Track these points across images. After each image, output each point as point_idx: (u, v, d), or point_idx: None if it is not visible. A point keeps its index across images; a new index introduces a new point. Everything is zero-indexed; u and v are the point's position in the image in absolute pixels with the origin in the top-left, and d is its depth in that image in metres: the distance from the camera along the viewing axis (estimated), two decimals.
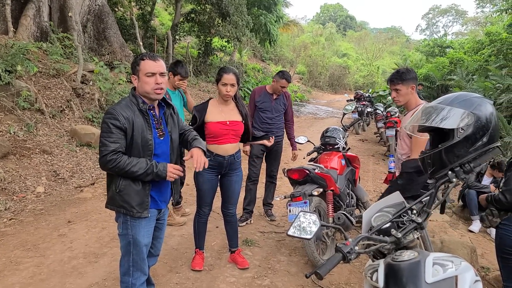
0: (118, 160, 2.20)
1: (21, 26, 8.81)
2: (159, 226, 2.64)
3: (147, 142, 2.31)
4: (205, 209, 3.51)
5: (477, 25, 41.29)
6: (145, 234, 2.42)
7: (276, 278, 3.55)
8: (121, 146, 2.23)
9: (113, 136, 2.21)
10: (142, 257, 2.44)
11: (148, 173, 2.26)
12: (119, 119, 2.21)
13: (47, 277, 3.32)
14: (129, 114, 2.26)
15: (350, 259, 1.58)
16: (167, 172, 2.31)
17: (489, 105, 1.73)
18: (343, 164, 4.41)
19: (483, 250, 4.52)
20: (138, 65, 2.31)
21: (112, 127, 2.21)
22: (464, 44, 20.31)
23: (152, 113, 2.39)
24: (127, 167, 2.21)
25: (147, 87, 2.30)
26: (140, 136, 2.28)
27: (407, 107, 3.17)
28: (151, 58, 2.31)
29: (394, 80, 3.10)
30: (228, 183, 3.50)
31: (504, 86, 10.80)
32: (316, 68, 31.47)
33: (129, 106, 2.31)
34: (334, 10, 65.28)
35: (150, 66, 2.29)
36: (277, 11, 19.39)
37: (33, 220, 4.50)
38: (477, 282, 1.58)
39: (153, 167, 2.27)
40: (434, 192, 1.78)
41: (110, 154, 2.20)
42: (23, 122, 6.50)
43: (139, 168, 2.23)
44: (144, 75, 2.29)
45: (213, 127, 3.28)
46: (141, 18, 14.72)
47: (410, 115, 3.07)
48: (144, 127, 2.30)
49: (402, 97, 3.10)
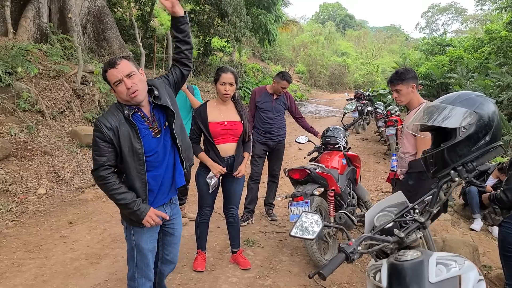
0: (106, 180, 2.17)
1: (21, 28, 8.81)
2: (169, 231, 2.57)
3: (137, 151, 2.20)
4: (207, 210, 3.50)
5: (477, 23, 41.26)
6: (148, 240, 2.37)
7: (278, 278, 3.55)
8: (109, 159, 2.17)
9: (99, 150, 2.16)
10: (146, 263, 2.39)
11: (129, 208, 2.20)
12: (103, 131, 2.14)
13: (49, 278, 3.33)
14: (113, 123, 2.16)
15: (353, 259, 1.58)
16: (145, 216, 2.24)
17: (492, 104, 1.73)
18: (344, 163, 4.41)
19: (485, 249, 4.52)
20: (106, 78, 2.20)
21: (98, 140, 2.16)
22: (464, 42, 20.29)
23: (140, 115, 2.26)
24: (112, 192, 2.18)
25: (122, 96, 2.19)
26: (127, 145, 2.18)
27: (410, 106, 3.19)
28: (111, 66, 2.16)
29: (393, 81, 3.13)
30: (229, 184, 3.49)
31: (504, 84, 10.81)
32: (315, 68, 31.45)
33: (115, 114, 2.20)
34: (333, 9, 65.24)
35: (113, 75, 2.15)
36: (276, 10, 19.37)
37: (35, 221, 4.50)
38: (481, 281, 1.58)
39: (135, 204, 2.20)
40: (436, 192, 1.78)
41: (99, 169, 2.16)
42: (24, 124, 6.51)
43: (122, 199, 2.18)
44: (114, 86, 2.18)
45: (211, 127, 3.26)
46: (140, 19, 14.71)
47: (412, 114, 3.07)
48: (131, 135, 2.19)
49: (404, 97, 3.13)
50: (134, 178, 2.23)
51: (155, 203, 2.36)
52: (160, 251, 2.60)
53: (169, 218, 2.47)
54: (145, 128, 2.27)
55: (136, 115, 2.25)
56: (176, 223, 2.59)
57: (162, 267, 2.63)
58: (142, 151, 2.22)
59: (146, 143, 2.24)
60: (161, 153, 2.33)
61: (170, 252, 2.61)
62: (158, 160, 2.32)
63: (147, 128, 2.28)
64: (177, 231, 2.61)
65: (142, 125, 2.26)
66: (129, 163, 2.20)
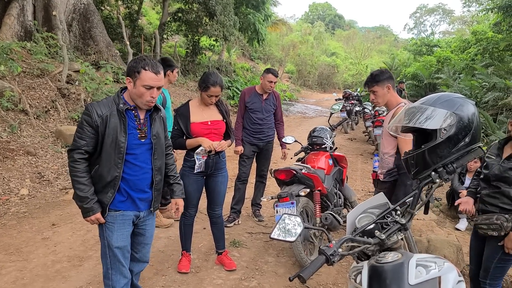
0: (75, 164, 2.24)
1: (5, 26, 8.66)
2: (140, 232, 2.56)
3: (119, 144, 2.25)
4: (191, 211, 3.47)
5: (464, 24, 41.74)
6: (118, 238, 2.37)
7: (263, 279, 3.53)
8: (87, 145, 2.22)
9: (82, 133, 2.22)
10: (118, 259, 2.40)
11: (81, 200, 2.25)
12: (92, 116, 2.20)
13: (30, 281, 3.26)
14: (104, 112, 2.22)
15: (334, 261, 1.57)
16: (87, 217, 2.28)
17: (471, 106, 1.73)
18: (330, 164, 4.41)
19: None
20: (138, 72, 2.20)
21: (84, 123, 2.22)
22: (451, 43, 20.51)
23: (133, 114, 2.32)
24: (76, 177, 2.24)
25: (141, 98, 2.25)
26: (111, 136, 2.23)
27: (388, 107, 3.20)
28: (153, 70, 2.20)
29: (368, 83, 3.17)
30: (213, 184, 3.47)
31: (490, 84, 10.94)
32: (305, 67, 31.51)
33: (109, 105, 2.26)
34: (322, 9, 65.47)
35: (151, 79, 2.20)
36: (265, 10, 19.36)
37: (16, 223, 4.41)
38: (460, 282, 1.58)
39: (88, 201, 2.24)
40: (417, 193, 1.78)
41: (75, 151, 2.23)
42: (6, 123, 6.39)
43: (80, 189, 2.23)
44: (142, 86, 2.21)
45: (195, 127, 3.26)
46: (128, 17, 14.58)
47: (391, 115, 3.08)
48: (118, 128, 2.24)
49: (380, 98, 3.15)
50: (109, 169, 2.26)
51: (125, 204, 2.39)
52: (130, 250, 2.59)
53: (142, 218, 2.49)
54: (133, 127, 2.32)
55: (129, 112, 2.31)
56: (148, 224, 2.59)
57: (131, 265, 2.60)
58: (125, 145, 2.26)
59: (129, 140, 2.29)
60: (141, 157, 2.37)
61: (139, 250, 2.62)
62: (136, 162, 2.35)
63: (136, 128, 2.33)
64: (148, 232, 2.61)
65: (132, 123, 2.31)
66: (109, 154, 2.24)
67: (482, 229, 2.79)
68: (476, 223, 2.85)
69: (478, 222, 2.82)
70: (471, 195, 3.06)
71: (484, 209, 2.83)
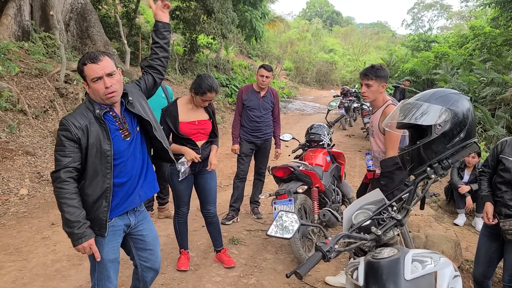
0: (64, 184, 2.00)
1: (2, 26, 8.63)
2: (139, 238, 2.41)
3: (105, 153, 2.08)
4: (184, 209, 3.49)
5: (462, 19, 41.73)
6: (109, 251, 2.21)
7: (262, 276, 3.54)
8: (74, 160, 2.02)
9: (65, 150, 2.01)
10: (106, 275, 2.24)
11: (70, 225, 2.00)
12: (71, 130, 2.01)
13: (29, 281, 3.27)
14: (82, 122, 2.04)
15: (330, 257, 1.58)
16: (81, 243, 2.03)
17: (466, 101, 1.74)
18: (328, 160, 4.42)
19: (468, 243, 4.57)
20: (82, 71, 2.06)
21: (64, 140, 2.01)
22: (449, 39, 20.53)
23: (111, 115, 2.16)
24: (64, 200, 1.99)
25: (97, 94, 2.08)
26: (95, 146, 2.06)
27: (375, 105, 3.14)
28: (93, 61, 2.03)
29: (368, 74, 3.02)
30: (204, 181, 3.48)
31: (488, 79, 10.96)
32: (303, 64, 31.46)
33: (84, 113, 2.08)
34: (320, 6, 65.32)
35: (93, 70, 2.03)
36: (262, 7, 19.30)
37: (15, 223, 4.42)
38: (457, 277, 1.59)
39: (79, 226, 2.00)
40: (413, 189, 1.79)
41: (61, 171, 2.01)
42: (5, 123, 6.39)
43: (70, 212, 1.99)
44: (91, 82, 2.05)
45: (183, 127, 3.27)
46: (125, 16, 14.52)
47: (380, 112, 3.04)
48: (100, 136, 2.08)
49: (372, 94, 3.06)
50: (97, 182, 2.09)
51: (117, 211, 2.21)
52: (136, 260, 2.46)
53: (133, 225, 2.35)
54: (115, 129, 2.16)
55: (107, 115, 2.14)
56: (144, 229, 2.43)
57: (143, 274, 2.50)
58: (111, 153, 2.10)
59: (115, 145, 2.13)
60: (130, 159, 2.22)
61: (148, 259, 2.47)
62: (125, 167, 2.20)
63: (118, 129, 2.17)
64: (147, 237, 2.44)
65: (113, 126, 2.15)
66: (96, 165, 2.08)
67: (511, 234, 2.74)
68: (504, 228, 2.77)
69: (506, 228, 2.75)
70: (491, 200, 2.92)
71: (508, 214, 2.76)
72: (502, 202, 2.81)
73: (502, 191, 2.82)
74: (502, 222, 2.78)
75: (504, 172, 2.80)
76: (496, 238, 2.91)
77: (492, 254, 2.97)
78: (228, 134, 9.99)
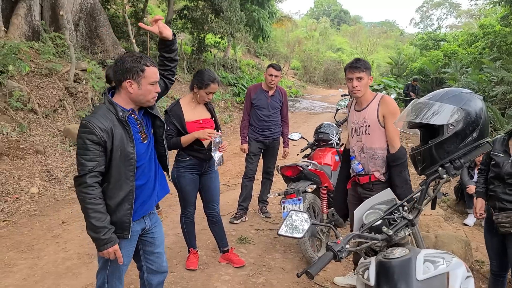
0: (90, 189, 1.98)
1: (12, 26, 8.72)
2: (149, 241, 2.41)
3: (128, 156, 2.08)
4: (190, 209, 3.51)
5: (471, 18, 41.30)
6: (125, 255, 2.20)
7: (271, 275, 3.55)
8: (99, 164, 2.00)
9: (89, 154, 1.97)
10: (118, 276, 2.28)
11: (97, 231, 2.00)
12: (96, 133, 1.96)
13: (41, 278, 3.31)
14: (107, 125, 2.01)
15: (341, 257, 1.58)
16: (105, 249, 2.04)
17: (479, 101, 1.72)
18: (337, 160, 4.41)
19: (478, 244, 4.53)
20: (142, 71, 2.04)
21: (88, 143, 1.97)
22: (458, 37, 20.35)
23: (133, 118, 2.17)
24: (90, 205, 1.98)
25: (149, 96, 2.11)
26: (120, 149, 2.05)
27: (364, 100, 2.92)
28: (154, 64, 2.08)
29: (360, 66, 2.81)
30: (209, 181, 3.49)
31: (498, 78, 10.83)
32: (310, 63, 31.41)
33: (107, 115, 2.04)
34: (328, 5, 65.16)
35: (155, 74, 2.09)
36: (270, 6, 19.31)
37: (26, 221, 4.47)
38: (469, 278, 1.58)
39: (106, 232, 2.01)
40: (425, 189, 1.78)
41: (86, 175, 1.97)
42: (16, 123, 6.46)
43: (96, 218, 1.99)
44: (149, 84, 2.08)
45: (190, 126, 3.27)
46: (133, 16, 14.60)
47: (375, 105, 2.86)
48: (124, 139, 2.07)
49: (364, 88, 2.84)
50: (120, 185, 2.09)
51: (137, 215, 2.23)
52: (143, 262, 2.46)
53: (148, 228, 2.36)
54: (136, 132, 2.17)
55: (130, 117, 2.13)
56: (156, 232, 2.43)
57: (148, 277, 2.49)
58: (134, 155, 2.10)
59: (136, 147, 2.14)
60: (148, 161, 2.25)
61: (154, 261, 2.46)
62: (144, 169, 2.22)
63: (138, 132, 2.19)
64: (157, 240, 2.45)
65: (135, 129, 2.17)
66: (119, 168, 2.07)
67: (505, 227, 2.76)
68: (497, 221, 2.81)
69: (499, 221, 2.79)
70: (483, 196, 3.02)
71: (502, 207, 2.81)
72: (495, 196, 2.89)
73: (495, 185, 2.91)
74: (495, 216, 2.85)
75: (495, 168, 2.90)
76: (496, 232, 2.94)
77: (497, 247, 3.01)
78: (236, 133, 10.01)
